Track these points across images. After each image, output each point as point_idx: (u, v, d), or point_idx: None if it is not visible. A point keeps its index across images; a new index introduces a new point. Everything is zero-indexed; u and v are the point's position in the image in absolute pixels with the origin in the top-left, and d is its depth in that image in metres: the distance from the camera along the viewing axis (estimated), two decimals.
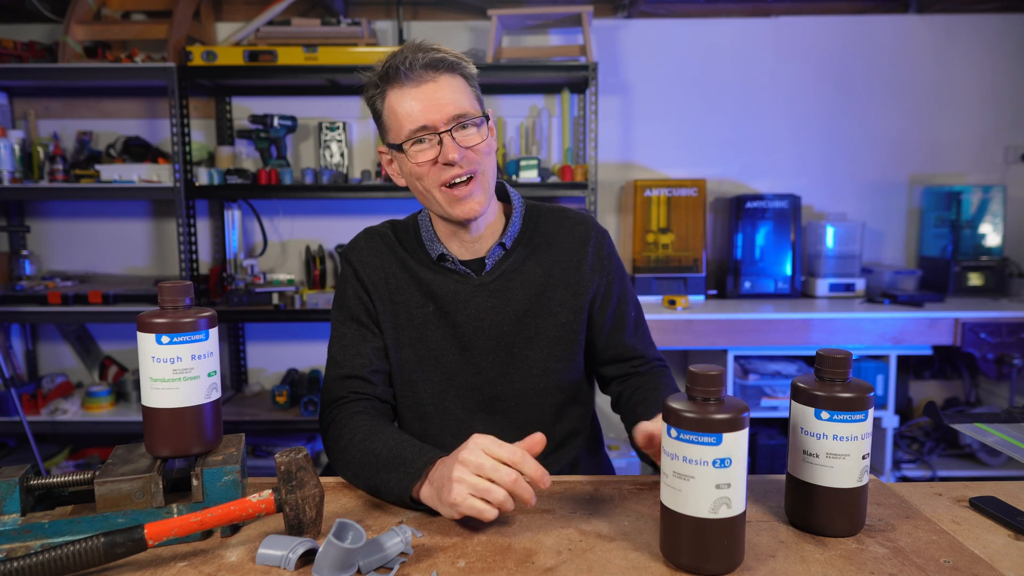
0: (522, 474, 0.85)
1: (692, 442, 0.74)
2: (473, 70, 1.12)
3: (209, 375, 0.88)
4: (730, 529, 0.75)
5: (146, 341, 0.85)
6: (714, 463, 0.74)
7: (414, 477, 0.92)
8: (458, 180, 1.08)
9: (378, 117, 1.12)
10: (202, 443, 0.88)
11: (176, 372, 0.85)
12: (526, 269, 1.19)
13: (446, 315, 1.17)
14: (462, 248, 1.18)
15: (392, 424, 1.11)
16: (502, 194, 1.24)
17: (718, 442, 0.73)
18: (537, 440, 0.89)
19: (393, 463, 0.95)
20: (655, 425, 0.94)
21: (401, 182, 1.16)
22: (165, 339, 0.84)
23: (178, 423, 0.86)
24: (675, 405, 0.76)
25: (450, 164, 1.06)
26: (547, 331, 1.18)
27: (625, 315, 1.24)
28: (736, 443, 0.74)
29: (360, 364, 1.16)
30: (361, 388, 1.15)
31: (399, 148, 1.09)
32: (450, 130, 1.06)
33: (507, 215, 1.22)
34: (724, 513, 0.75)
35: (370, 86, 1.11)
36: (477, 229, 1.16)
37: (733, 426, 0.73)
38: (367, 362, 1.16)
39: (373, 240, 1.22)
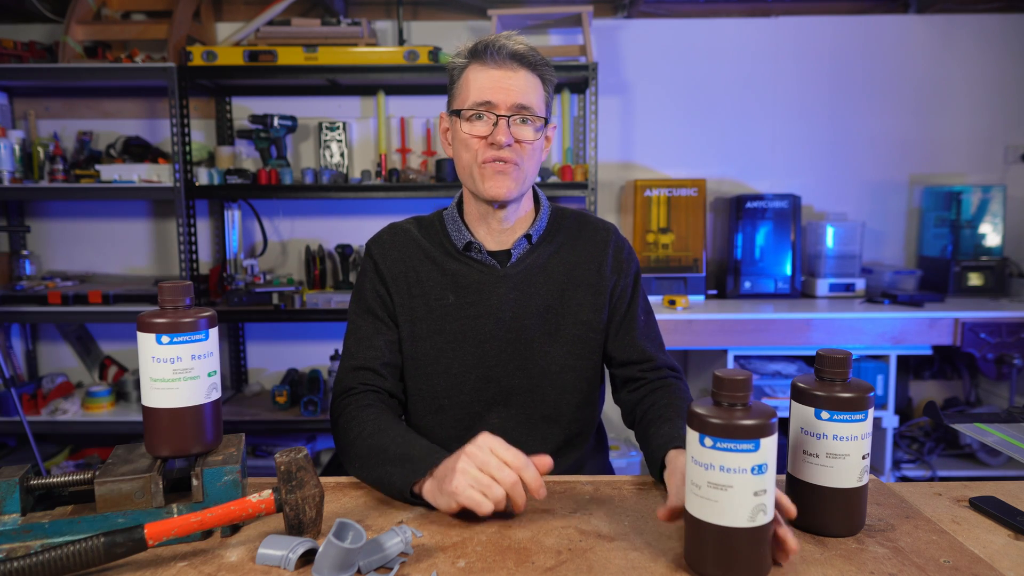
0: (522, 480, 0.87)
1: (730, 450, 0.71)
2: (552, 78, 1.18)
3: (209, 375, 0.88)
4: (764, 536, 0.74)
5: (146, 341, 0.85)
6: (752, 470, 0.71)
7: (418, 473, 0.94)
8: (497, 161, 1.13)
9: (452, 84, 1.19)
10: (202, 443, 0.88)
11: (176, 372, 0.85)
12: (550, 265, 1.21)
13: (467, 306, 1.19)
14: (490, 237, 1.22)
15: (400, 421, 1.13)
16: (532, 196, 1.28)
17: (756, 448, 0.71)
18: (546, 462, 0.91)
19: (399, 459, 0.97)
20: (678, 500, 0.84)
21: (449, 151, 1.22)
22: (165, 339, 0.84)
23: (178, 423, 0.86)
24: (704, 412, 0.73)
25: (498, 146, 1.11)
26: (568, 328, 1.20)
27: (635, 316, 1.25)
28: (770, 448, 0.72)
29: (372, 356, 1.18)
30: (372, 380, 1.17)
31: (458, 114, 1.15)
32: (509, 117, 1.11)
33: (535, 214, 1.26)
34: (760, 520, 0.72)
35: (457, 56, 1.17)
36: (507, 219, 1.20)
37: (768, 431, 0.72)
38: (379, 355, 1.19)
39: (397, 234, 1.25)
